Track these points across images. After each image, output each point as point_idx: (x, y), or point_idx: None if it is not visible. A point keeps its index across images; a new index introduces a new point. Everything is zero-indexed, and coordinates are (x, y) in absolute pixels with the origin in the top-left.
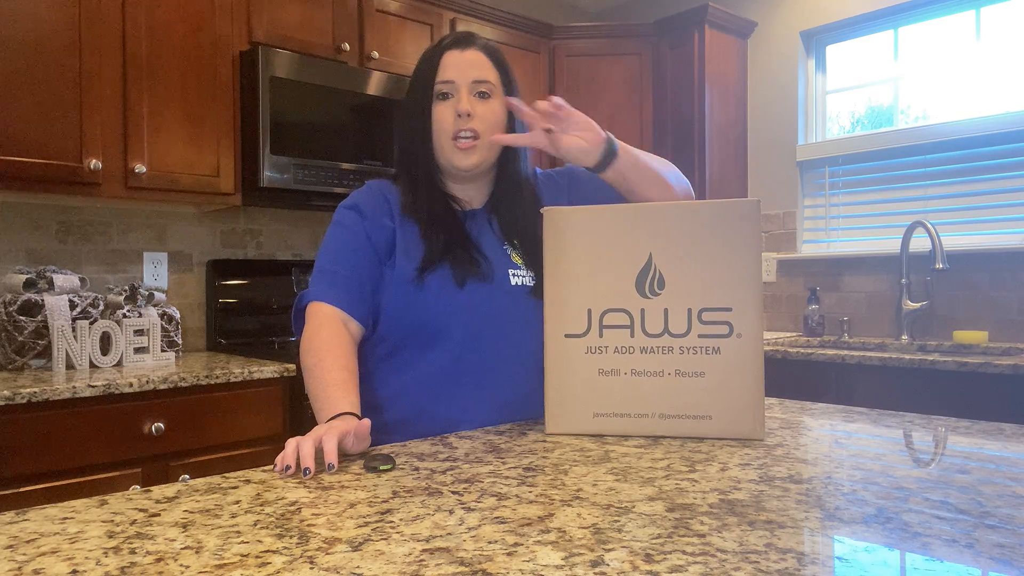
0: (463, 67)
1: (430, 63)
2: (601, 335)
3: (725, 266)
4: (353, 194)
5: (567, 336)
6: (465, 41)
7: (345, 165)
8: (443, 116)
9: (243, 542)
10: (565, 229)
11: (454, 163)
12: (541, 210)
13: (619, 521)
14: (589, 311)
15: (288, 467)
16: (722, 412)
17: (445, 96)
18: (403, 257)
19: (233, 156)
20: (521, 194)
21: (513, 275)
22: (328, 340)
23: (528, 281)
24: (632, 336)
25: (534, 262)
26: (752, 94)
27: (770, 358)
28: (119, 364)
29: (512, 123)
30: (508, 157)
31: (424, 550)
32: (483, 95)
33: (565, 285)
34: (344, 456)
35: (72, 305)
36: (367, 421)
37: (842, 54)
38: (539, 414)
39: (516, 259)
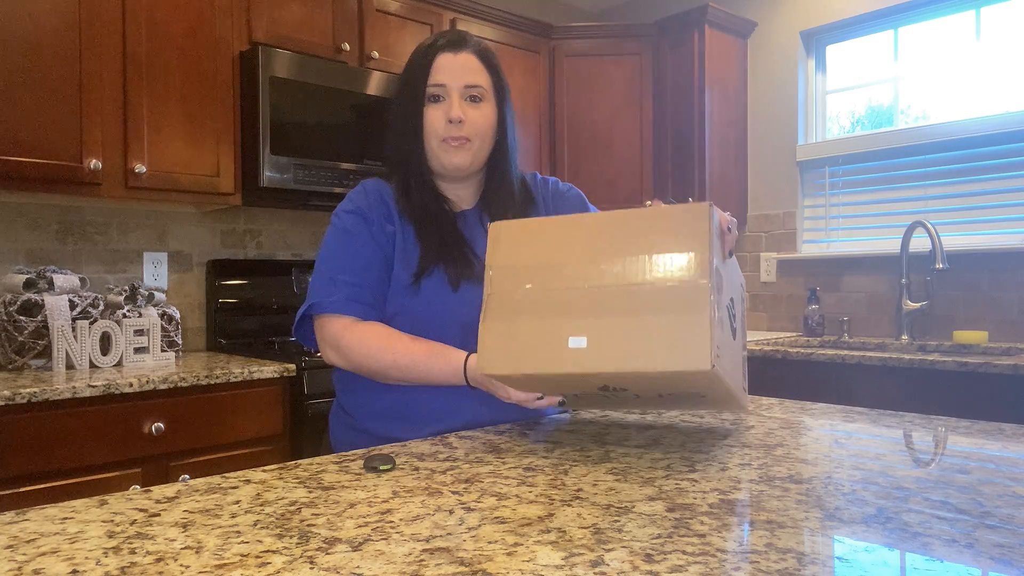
0: (456, 71)
1: (423, 64)
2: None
3: (689, 389)
4: (351, 196)
5: None
6: (458, 43)
7: (345, 165)
8: (434, 120)
9: (243, 542)
10: (504, 369)
11: (444, 163)
12: (474, 361)
13: (619, 521)
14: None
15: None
16: (709, 406)
17: (437, 99)
18: (400, 261)
19: (233, 156)
20: (512, 193)
21: None
22: (381, 332)
23: None
24: (608, 394)
25: None
26: (752, 94)
27: (770, 358)
28: (119, 364)
29: (504, 128)
30: (497, 157)
31: (424, 550)
32: (475, 99)
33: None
34: (344, 456)
35: (72, 305)
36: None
37: (842, 54)
38: (535, 412)
39: None
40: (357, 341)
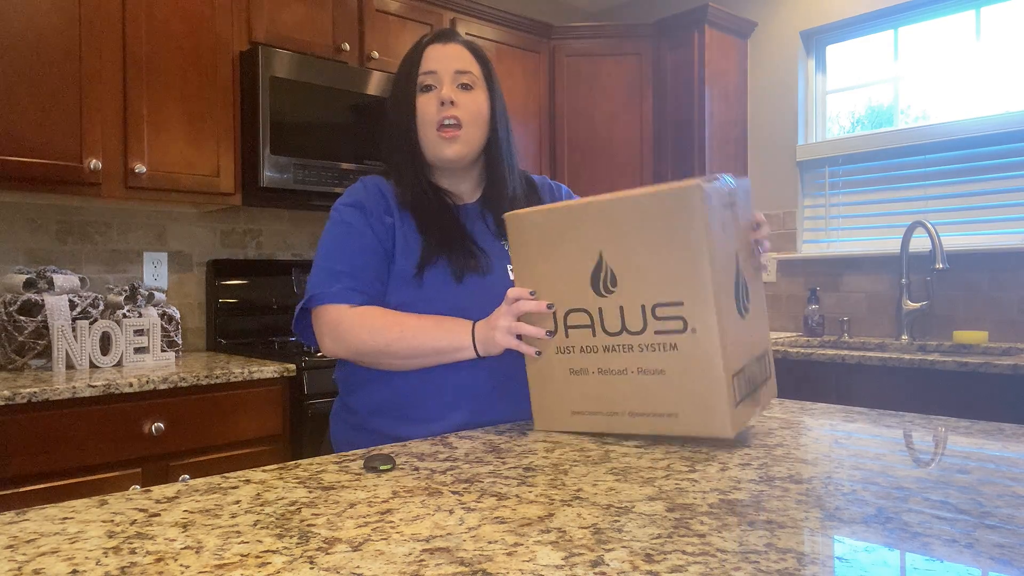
0: (445, 59)
1: (413, 57)
2: (567, 335)
3: (672, 257)
4: (350, 191)
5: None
6: (447, 36)
7: (345, 165)
8: (427, 107)
9: (243, 542)
10: (525, 231)
11: (439, 154)
12: (504, 216)
13: (619, 521)
14: (555, 312)
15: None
16: (687, 410)
17: (428, 88)
18: (402, 252)
19: (233, 156)
20: (513, 187)
21: (511, 270)
22: (382, 311)
23: None
24: (594, 335)
25: None
26: (752, 94)
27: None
28: (119, 364)
29: (494, 115)
30: (493, 150)
31: (424, 550)
32: (465, 87)
33: (530, 287)
34: (345, 456)
35: (72, 305)
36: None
37: (842, 54)
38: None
39: None
40: (358, 320)
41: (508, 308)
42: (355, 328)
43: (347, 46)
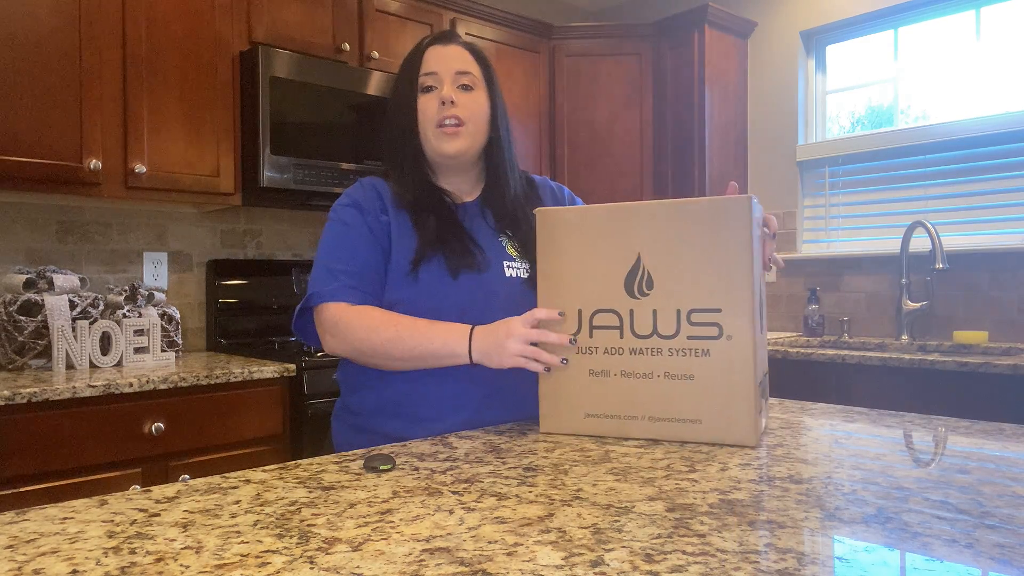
0: (446, 60)
1: (414, 59)
2: (591, 335)
3: (715, 265)
4: (348, 191)
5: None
6: (447, 37)
7: (345, 165)
8: (428, 106)
9: (243, 542)
10: (557, 228)
11: (440, 150)
12: (535, 211)
13: (619, 521)
14: (580, 311)
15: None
16: (712, 417)
17: (429, 88)
18: (398, 249)
19: (233, 156)
20: (512, 186)
21: (508, 267)
22: (381, 311)
23: (523, 273)
24: (621, 337)
25: (529, 254)
26: (752, 94)
27: (770, 358)
28: (119, 364)
29: (495, 115)
30: (493, 149)
31: (424, 550)
32: (466, 87)
33: (557, 285)
34: (344, 455)
35: (72, 305)
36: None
37: (842, 54)
38: (535, 407)
39: (511, 251)
40: (356, 319)
41: (525, 332)
42: (353, 326)
43: (347, 46)
